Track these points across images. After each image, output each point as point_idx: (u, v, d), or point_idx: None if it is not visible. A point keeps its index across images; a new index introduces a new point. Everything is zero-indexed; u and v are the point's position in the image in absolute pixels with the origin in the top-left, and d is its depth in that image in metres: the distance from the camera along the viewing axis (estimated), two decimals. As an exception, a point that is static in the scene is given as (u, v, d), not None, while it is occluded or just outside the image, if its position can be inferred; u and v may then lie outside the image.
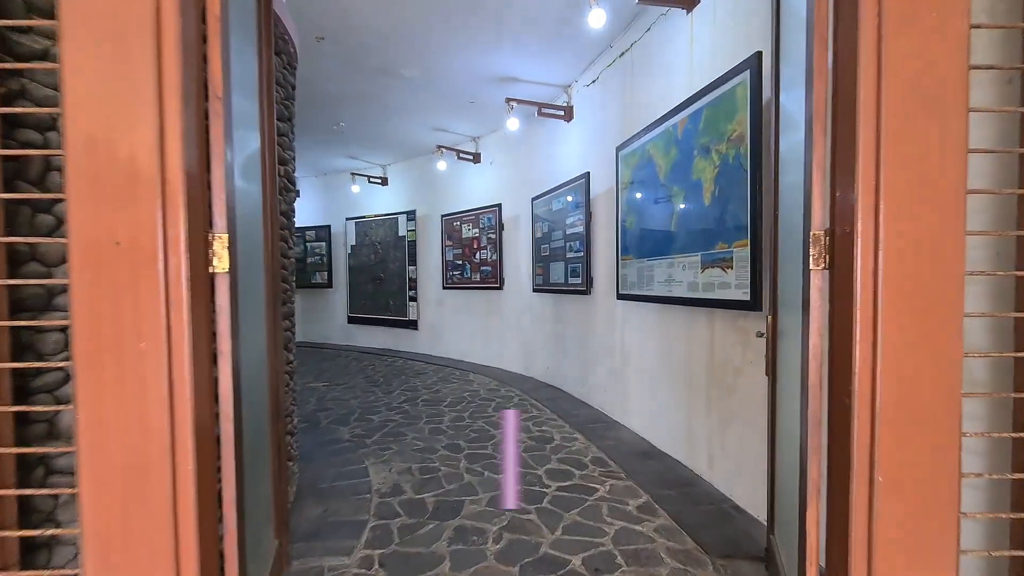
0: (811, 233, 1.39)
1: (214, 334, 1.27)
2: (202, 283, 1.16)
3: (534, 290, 5.75)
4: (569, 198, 4.78)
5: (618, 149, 3.88)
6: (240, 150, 1.70)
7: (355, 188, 8.56)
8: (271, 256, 2.01)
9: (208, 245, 1.21)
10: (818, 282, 1.39)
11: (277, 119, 2.58)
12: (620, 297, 3.89)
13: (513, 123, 5.00)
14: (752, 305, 2.36)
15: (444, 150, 6.79)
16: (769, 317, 2.08)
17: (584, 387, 4.93)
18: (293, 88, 2.93)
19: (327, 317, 9.64)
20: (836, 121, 1.32)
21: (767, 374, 2.12)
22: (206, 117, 1.21)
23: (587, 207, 4.51)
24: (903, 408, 1.12)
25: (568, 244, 4.89)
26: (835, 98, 1.34)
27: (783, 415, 2.01)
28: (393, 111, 6.01)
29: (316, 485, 3.09)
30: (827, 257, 1.34)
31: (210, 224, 1.27)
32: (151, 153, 1.02)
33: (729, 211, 2.51)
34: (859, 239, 1.23)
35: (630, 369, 4.03)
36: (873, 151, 1.22)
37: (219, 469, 1.25)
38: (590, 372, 4.79)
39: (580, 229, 4.63)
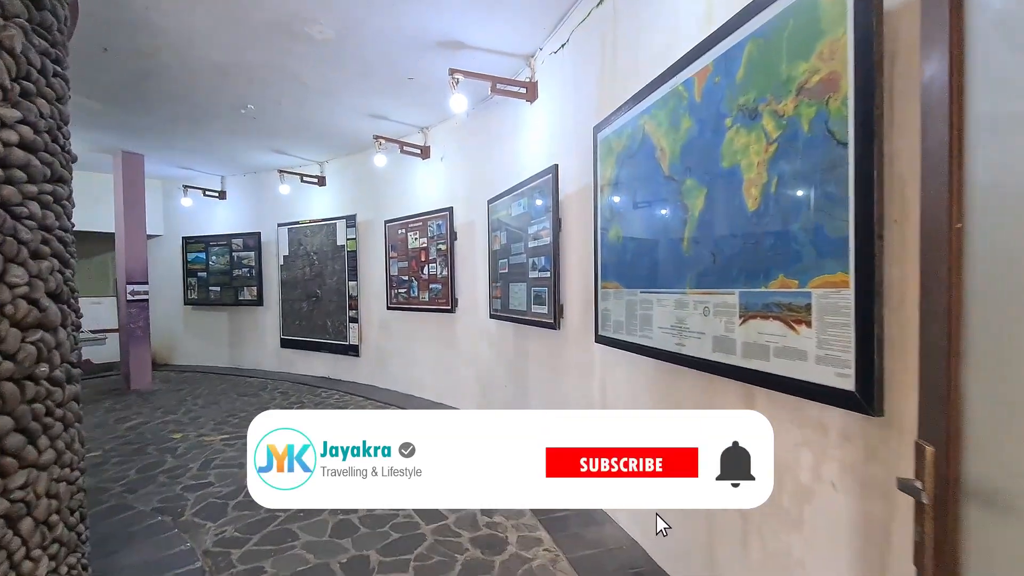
0: None
1: None
2: None
3: (491, 316, 4.57)
4: (539, 201, 3.61)
5: (596, 130, 2.75)
6: None
7: (284, 188, 7.21)
8: None
9: None
10: None
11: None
12: (600, 340, 2.74)
13: (459, 101, 3.82)
14: (859, 402, 1.23)
15: (384, 141, 5.56)
16: (929, 449, 0.95)
17: (553, 447, 3.74)
18: (50, 7, 1.70)
19: (257, 340, 8.23)
20: None
21: (919, 565, 0.99)
22: None
23: (555, 211, 3.36)
24: None
25: (531, 260, 3.73)
26: None
27: None
28: (313, 91, 4.75)
29: None
30: None
31: None
32: None
33: (801, 219, 1.39)
34: None
35: (615, 437, 2.88)
36: None
37: None
38: (561, 429, 3.62)
39: (546, 240, 3.48)
